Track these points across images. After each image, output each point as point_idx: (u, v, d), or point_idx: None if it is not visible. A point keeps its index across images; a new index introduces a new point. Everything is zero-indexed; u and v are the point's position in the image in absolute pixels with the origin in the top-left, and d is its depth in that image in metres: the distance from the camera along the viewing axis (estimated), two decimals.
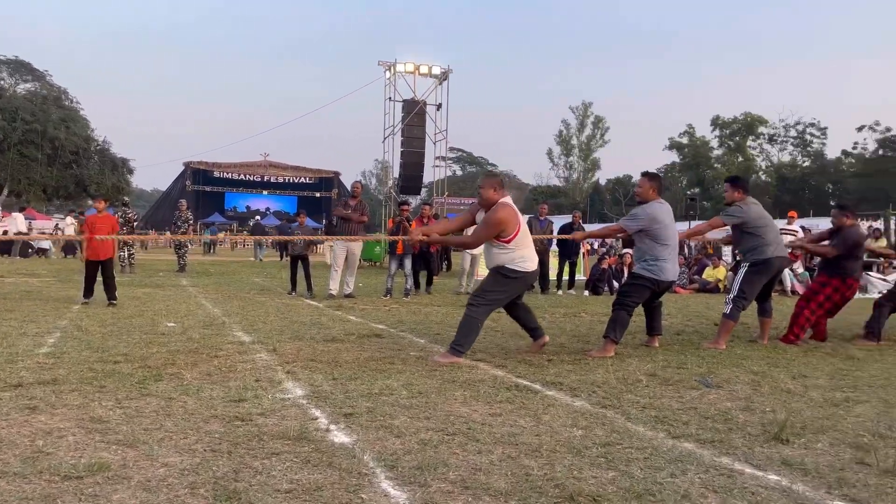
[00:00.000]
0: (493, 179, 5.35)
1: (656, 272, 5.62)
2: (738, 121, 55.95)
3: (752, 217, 6.11)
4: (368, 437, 3.15)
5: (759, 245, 6.04)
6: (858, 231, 6.60)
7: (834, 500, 2.52)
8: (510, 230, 5.06)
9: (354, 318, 7.70)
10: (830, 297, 6.41)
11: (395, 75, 22.82)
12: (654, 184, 5.87)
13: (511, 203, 5.21)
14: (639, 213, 5.74)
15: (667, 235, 5.68)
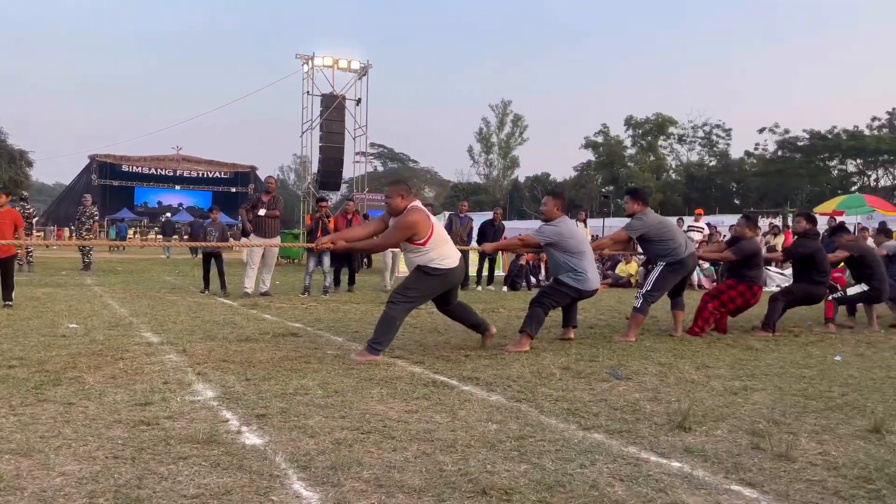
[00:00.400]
0: (400, 187, 5.30)
1: (582, 283, 5.83)
2: (650, 121, 58.01)
3: (654, 225, 6.44)
4: (281, 438, 3.09)
5: (672, 248, 6.36)
6: (755, 243, 7.08)
7: (731, 485, 2.64)
8: (423, 233, 5.06)
9: (270, 317, 7.54)
10: (734, 300, 6.79)
11: (313, 69, 22.43)
12: (559, 202, 6.08)
13: (421, 206, 5.21)
14: (546, 230, 5.96)
15: (580, 245, 5.91)
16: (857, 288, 7.62)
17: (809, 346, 6.15)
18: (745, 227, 7.04)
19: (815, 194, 45.39)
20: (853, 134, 48.41)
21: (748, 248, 6.87)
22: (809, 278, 7.18)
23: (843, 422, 3.55)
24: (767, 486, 2.62)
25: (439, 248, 5.15)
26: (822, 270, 7.16)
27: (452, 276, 5.24)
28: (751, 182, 53.64)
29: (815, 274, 7.15)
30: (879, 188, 47.70)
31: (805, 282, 7.22)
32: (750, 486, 2.63)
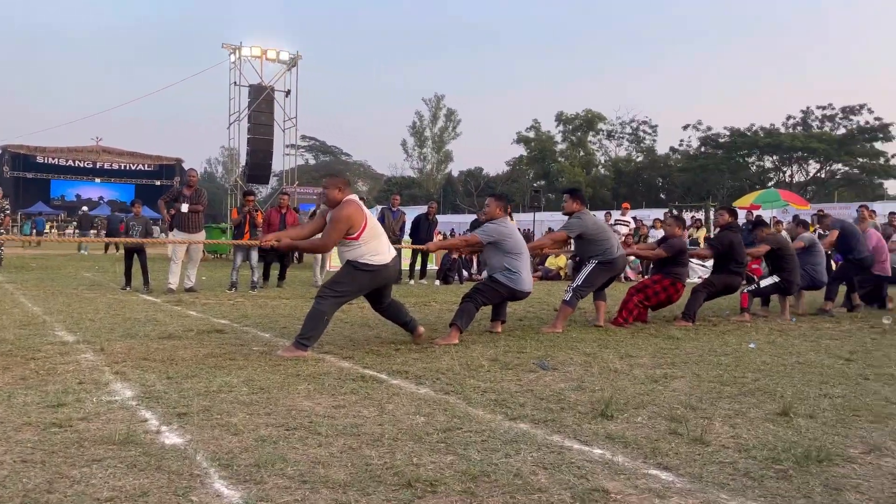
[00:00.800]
0: (337, 179, 5.28)
1: (516, 283, 5.93)
2: (580, 117, 59.20)
3: (590, 225, 6.61)
4: (203, 437, 3.01)
5: (606, 248, 6.56)
6: (683, 241, 7.36)
7: (649, 469, 2.73)
8: (356, 226, 5.02)
9: (195, 314, 7.33)
10: (658, 294, 7.04)
11: (240, 59, 21.92)
12: (501, 203, 6.23)
13: (356, 200, 5.16)
14: (489, 228, 6.06)
15: (518, 247, 6.01)
16: (769, 279, 7.98)
17: (726, 334, 6.41)
18: (674, 226, 7.34)
19: (736, 189, 47.28)
20: (770, 132, 50.63)
21: (677, 246, 7.14)
22: (728, 269, 7.49)
23: (754, 406, 3.71)
24: (682, 469, 2.72)
25: (371, 244, 5.09)
26: (739, 262, 7.50)
27: (384, 273, 5.17)
28: (676, 177, 55.45)
29: (733, 265, 7.46)
30: (794, 183, 50.10)
31: (724, 273, 7.52)
32: (666, 469, 2.73)
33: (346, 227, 5.01)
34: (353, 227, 5.01)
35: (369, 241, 5.09)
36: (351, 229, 5.02)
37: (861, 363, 5.02)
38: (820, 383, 4.30)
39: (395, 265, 5.34)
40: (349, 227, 5.01)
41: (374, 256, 5.10)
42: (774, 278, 7.92)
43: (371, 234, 5.10)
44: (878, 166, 47.65)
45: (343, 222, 5.01)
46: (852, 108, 48.62)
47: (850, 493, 2.50)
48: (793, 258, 7.98)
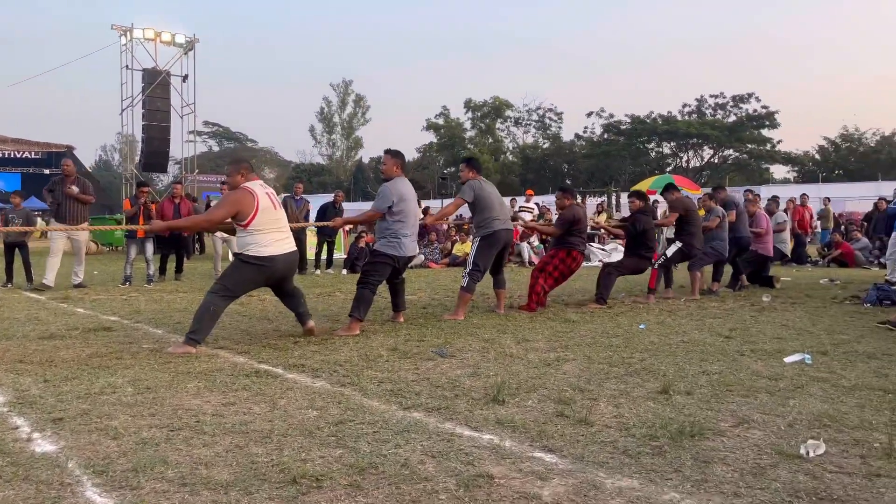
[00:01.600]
0: (241, 165, 5.15)
1: (396, 248, 5.83)
2: (488, 104, 59.85)
3: (486, 194, 6.61)
4: (79, 443, 2.87)
5: (487, 219, 6.54)
6: (574, 210, 7.42)
7: (535, 452, 2.81)
8: (245, 212, 4.88)
9: (82, 311, 6.97)
10: (558, 267, 7.19)
11: (132, 41, 20.82)
12: (398, 160, 6.07)
13: (253, 188, 4.99)
14: (385, 191, 5.89)
15: (407, 212, 5.89)
16: (673, 247, 8.17)
17: (620, 316, 6.67)
18: (562, 198, 7.47)
19: (637, 174, 49.07)
20: (667, 119, 52.84)
21: (568, 217, 7.25)
22: (639, 253, 7.76)
23: (638, 385, 3.89)
24: (566, 451, 2.82)
25: (261, 234, 4.95)
26: (650, 246, 7.79)
27: (271, 266, 5.00)
28: (580, 163, 57.01)
29: (643, 249, 7.74)
30: (690, 168, 52.59)
31: (636, 255, 7.79)
32: (551, 451, 2.81)
33: (231, 210, 4.89)
34: (240, 213, 4.88)
35: (257, 231, 4.94)
36: (239, 214, 4.89)
37: (739, 340, 5.34)
38: (700, 361, 4.54)
39: (289, 259, 5.16)
40: (236, 212, 4.88)
41: (261, 248, 4.95)
42: (677, 244, 8.13)
43: (260, 224, 4.94)
44: (764, 152, 50.68)
45: (229, 204, 4.91)
46: (742, 96, 51.37)
47: (717, 466, 2.65)
48: (696, 223, 8.22)
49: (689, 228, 8.15)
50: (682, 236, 8.17)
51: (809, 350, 4.82)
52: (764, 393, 3.71)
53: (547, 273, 7.18)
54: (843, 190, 31.97)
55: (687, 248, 8.13)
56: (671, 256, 8.20)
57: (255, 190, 5.01)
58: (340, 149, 70.47)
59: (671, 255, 8.19)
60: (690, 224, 8.16)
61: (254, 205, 4.92)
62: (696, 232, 8.19)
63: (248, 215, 4.89)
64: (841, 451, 2.81)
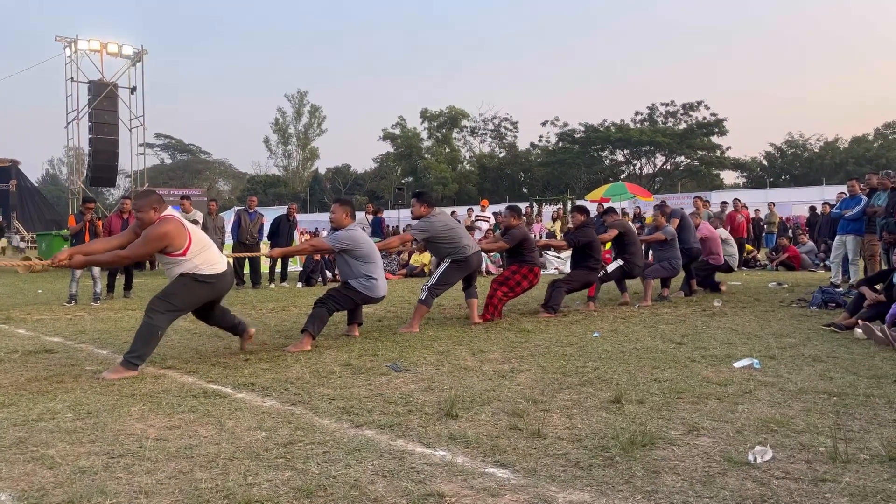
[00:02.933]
0: (151, 198, 4.84)
1: (372, 290, 5.87)
2: (444, 114, 60.07)
3: (439, 228, 6.65)
4: (13, 474, 2.74)
5: (457, 248, 6.62)
6: (523, 230, 7.61)
7: (487, 467, 2.78)
8: (179, 243, 4.71)
9: (24, 332, 6.71)
10: (520, 283, 7.26)
11: (76, 53, 20.29)
12: (347, 209, 6.07)
13: (175, 216, 4.83)
14: (341, 236, 5.89)
15: (372, 254, 5.94)
16: (615, 264, 8.47)
17: (574, 325, 6.71)
18: (510, 217, 7.62)
19: (592, 182, 49.82)
20: (620, 127, 53.80)
21: (518, 235, 7.39)
22: (586, 265, 7.88)
23: (591, 395, 3.90)
24: (518, 465, 2.80)
25: (202, 255, 4.83)
26: (597, 258, 7.91)
27: (222, 282, 4.94)
28: (536, 172, 57.58)
29: (591, 261, 7.85)
30: (643, 175, 53.59)
31: (582, 268, 7.92)
32: (503, 466, 2.79)
33: (159, 246, 4.69)
34: (172, 245, 4.69)
35: (198, 254, 4.81)
36: (170, 247, 4.69)
37: (691, 346, 5.42)
38: (652, 368, 4.58)
39: (231, 274, 5.12)
40: (167, 245, 4.69)
41: (211, 266, 4.85)
42: (619, 262, 8.42)
43: (199, 248, 4.82)
44: (714, 158, 51.95)
45: (157, 240, 4.67)
46: (691, 104, 52.61)
47: (667, 475, 2.66)
48: (636, 243, 8.53)
49: (630, 248, 8.42)
50: (625, 255, 8.41)
51: (758, 354, 4.92)
52: (713, 399, 3.76)
53: (509, 287, 7.23)
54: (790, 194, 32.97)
55: (628, 267, 8.40)
56: (611, 273, 8.42)
57: (179, 216, 4.87)
58: (296, 160, 69.91)
59: (612, 272, 8.42)
60: (631, 244, 8.44)
61: (185, 232, 4.75)
62: (637, 252, 8.49)
63: (182, 246, 4.72)
64: (788, 456, 2.85)
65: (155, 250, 4.73)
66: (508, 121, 61.45)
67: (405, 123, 60.55)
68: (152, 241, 4.67)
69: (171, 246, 4.70)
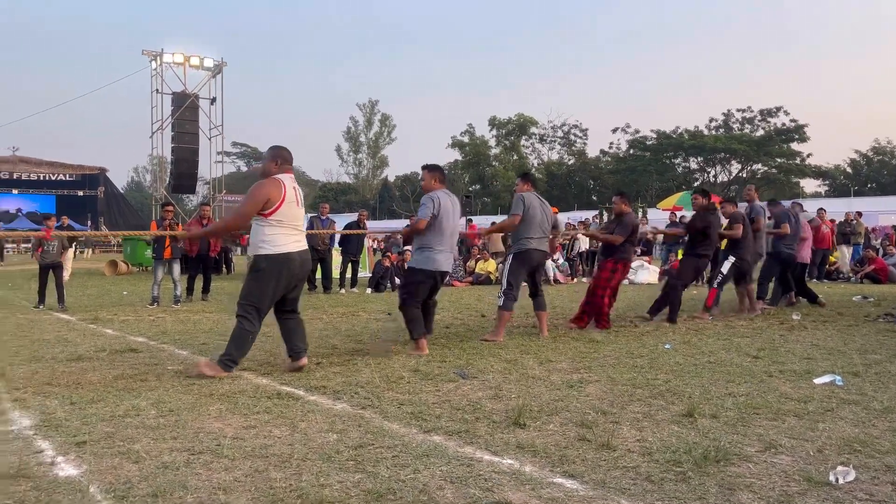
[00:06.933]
0: (276, 151, 4.96)
1: (429, 263, 5.69)
2: (513, 121, 59.98)
3: (531, 210, 6.41)
4: (101, 467, 2.89)
5: (523, 237, 6.41)
6: (633, 217, 7.24)
7: (555, 477, 2.77)
8: (272, 201, 4.72)
9: (111, 332, 7.07)
10: (612, 280, 7.07)
11: (162, 66, 21.30)
12: (436, 174, 5.95)
13: (283, 179, 4.82)
14: (425, 200, 5.75)
15: (444, 226, 5.73)
16: (727, 263, 7.86)
17: (644, 336, 6.57)
18: (621, 202, 7.22)
19: (663, 189, 48.71)
20: (694, 133, 52.44)
21: (631, 223, 7.04)
22: (696, 252, 7.55)
23: (662, 408, 3.82)
24: (587, 476, 2.77)
25: (279, 228, 4.77)
26: (709, 245, 7.55)
27: (289, 264, 4.81)
28: (606, 179, 56.72)
29: (701, 248, 7.51)
30: (718, 183, 52.03)
31: (693, 256, 7.57)
32: (571, 477, 2.77)
33: (261, 201, 4.71)
34: (267, 202, 4.72)
35: (276, 222, 4.76)
36: (268, 203, 4.72)
37: (767, 360, 5.23)
38: (727, 382, 4.45)
39: (304, 257, 4.97)
40: (266, 202, 4.71)
41: (277, 246, 4.77)
42: (731, 259, 7.83)
43: (282, 216, 4.77)
44: (794, 166, 49.94)
45: (257, 196, 4.71)
46: (769, 110, 50.82)
47: (743, 493, 2.59)
48: (748, 236, 7.91)
49: (742, 242, 7.82)
50: (737, 251, 7.83)
51: (840, 371, 4.71)
52: (792, 416, 3.63)
53: (612, 289, 7.06)
54: (876, 204, 31.32)
55: (740, 262, 7.84)
56: (727, 274, 7.86)
57: (285, 182, 4.83)
58: (366, 167, 71.15)
59: (727, 273, 7.85)
60: (743, 237, 7.82)
61: (281, 195, 4.77)
62: (748, 245, 7.90)
63: (273, 204, 4.73)
64: (872, 477, 2.73)
65: (258, 206, 4.73)
66: (578, 128, 60.88)
67: (474, 131, 60.79)
68: (253, 196, 4.73)
69: (267, 203, 4.71)
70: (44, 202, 48.75)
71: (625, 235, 7.04)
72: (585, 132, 60.77)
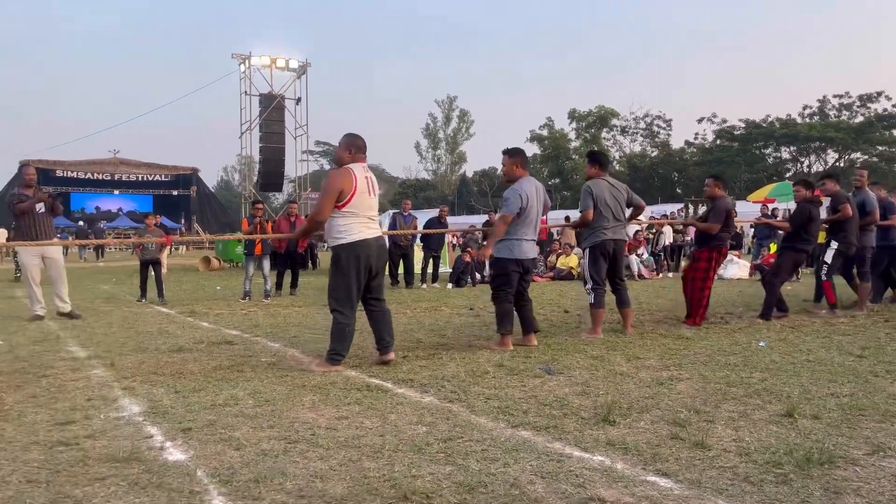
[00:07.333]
0: (351, 142, 4.97)
1: (515, 251, 5.56)
2: (593, 113, 59.02)
3: (602, 197, 6.11)
4: (206, 452, 3.04)
5: (596, 228, 6.14)
6: (727, 202, 6.91)
7: (648, 476, 2.72)
8: (345, 193, 4.79)
9: (207, 325, 7.41)
10: (709, 271, 6.78)
11: (250, 69, 22.11)
12: (517, 159, 5.72)
13: (354, 169, 4.85)
14: (510, 195, 5.55)
15: (529, 216, 5.60)
16: (830, 251, 7.46)
17: (737, 332, 6.34)
18: (714, 186, 6.91)
19: (753, 181, 46.82)
20: (786, 122, 50.17)
21: (724, 208, 6.74)
22: (794, 246, 7.20)
23: (759, 407, 3.68)
24: (681, 475, 2.71)
25: (352, 218, 4.85)
26: (809, 239, 7.18)
27: (366, 250, 4.87)
28: (691, 171, 55.02)
29: (800, 242, 7.16)
30: (812, 173, 49.54)
31: (790, 250, 7.22)
32: (665, 476, 2.71)
33: (335, 195, 4.79)
34: (342, 194, 4.78)
35: (350, 213, 4.83)
36: (340, 195, 4.79)
37: (872, 359, 4.95)
38: (828, 382, 4.25)
39: (380, 243, 5.04)
40: (339, 193, 4.78)
41: (352, 235, 4.84)
42: (834, 245, 7.39)
43: (354, 207, 4.83)
44: None
45: (332, 190, 4.78)
46: (869, 95, 48.00)
47: (849, 497, 2.47)
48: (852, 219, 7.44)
49: (846, 225, 7.36)
50: (838, 235, 7.36)
51: None
52: None
53: (711, 280, 6.78)
54: None
55: (844, 247, 7.38)
56: (832, 263, 7.43)
57: (356, 172, 4.87)
58: (445, 164, 71.55)
59: (832, 262, 7.43)
60: (848, 221, 7.36)
61: (352, 187, 4.80)
62: (852, 228, 7.39)
63: (345, 196, 4.80)
64: None
65: (333, 200, 4.79)
66: (661, 118, 59.33)
67: (552, 124, 60.16)
68: (327, 191, 4.81)
69: (342, 193, 4.77)
70: (142, 202, 51.54)
71: (720, 222, 6.72)
72: (669, 123, 59.28)
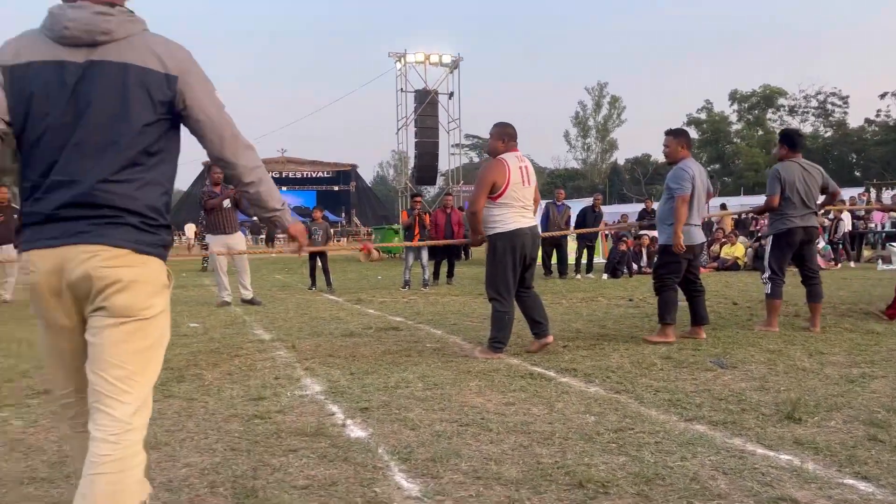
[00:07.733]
0: (500, 128, 5.05)
1: (684, 238, 5.32)
2: (757, 94, 55.12)
3: (789, 180, 5.71)
4: (383, 431, 3.21)
5: (782, 214, 5.72)
6: None
7: (844, 478, 2.53)
8: (498, 185, 4.84)
9: (373, 312, 7.78)
10: None
11: (405, 66, 22.87)
12: (682, 139, 5.52)
13: (507, 160, 4.90)
14: (678, 174, 5.34)
15: (696, 200, 5.39)
16: None
17: None
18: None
19: None
20: None
21: None
22: None
23: None
24: (884, 480, 2.49)
25: (507, 209, 4.88)
26: None
27: (521, 238, 4.89)
28: (872, 152, 49.91)
29: None
30: None
31: None
32: (865, 479, 2.51)
33: (488, 187, 4.85)
34: (495, 186, 4.85)
35: (504, 204, 4.87)
36: (494, 187, 4.85)
37: None
38: None
39: (534, 231, 5.04)
40: (492, 185, 4.85)
41: (507, 224, 4.89)
42: None
43: (508, 199, 4.87)
44: None
45: (485, 183, 4.86)
46: None
47: None
48: None
49: None
50: None
51: None
52: None
53: None
54: None
55: None
56: None
57: (509, 162, 4.89)
58: (595, 152, 69.91)
59: None
60: None
61: (505, 178, 4.84)
62: None
63: (499, 188, 4.85)
64: None
65: (486, 191, 4.88)
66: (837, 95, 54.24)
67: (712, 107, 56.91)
68: (481, 184, 4.91)
69: (495, 185, 4.84)
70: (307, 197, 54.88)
71: None
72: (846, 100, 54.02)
